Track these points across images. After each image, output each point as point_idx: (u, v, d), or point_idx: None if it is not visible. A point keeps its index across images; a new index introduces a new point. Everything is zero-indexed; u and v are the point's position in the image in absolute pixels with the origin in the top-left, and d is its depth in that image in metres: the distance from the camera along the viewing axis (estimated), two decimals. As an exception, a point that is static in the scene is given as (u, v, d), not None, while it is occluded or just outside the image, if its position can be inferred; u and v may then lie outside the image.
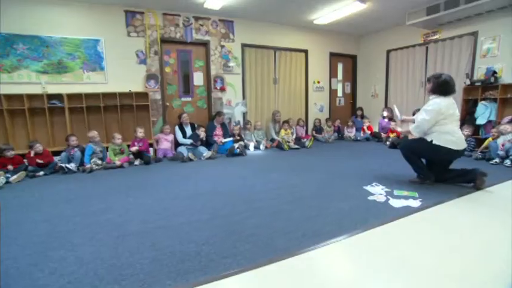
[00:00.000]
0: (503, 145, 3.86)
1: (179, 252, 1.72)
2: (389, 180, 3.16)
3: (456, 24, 5.16)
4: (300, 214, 2.26)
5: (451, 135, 2.72)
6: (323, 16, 5.47)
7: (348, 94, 7.38)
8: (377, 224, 2.04)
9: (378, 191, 2.76)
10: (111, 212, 2.44)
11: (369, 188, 2.88)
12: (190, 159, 4.56)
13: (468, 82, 4.84)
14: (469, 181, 2.87)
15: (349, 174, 3.46)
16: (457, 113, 2.80)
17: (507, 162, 3.70)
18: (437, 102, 2.73)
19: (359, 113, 6.83)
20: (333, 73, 7.01)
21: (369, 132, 6.35)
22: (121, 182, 3.42)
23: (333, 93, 7.08)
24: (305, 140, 5.68)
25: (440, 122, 2.73)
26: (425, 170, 2.96)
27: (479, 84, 4.70)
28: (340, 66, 7.17)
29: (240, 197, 2.71)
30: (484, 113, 4.66)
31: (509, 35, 4.53)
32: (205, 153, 4.71)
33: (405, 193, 2.69)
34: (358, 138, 6.29)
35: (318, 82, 6.73)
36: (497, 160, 3.86)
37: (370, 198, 2.58)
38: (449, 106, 2.73)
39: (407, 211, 2.27)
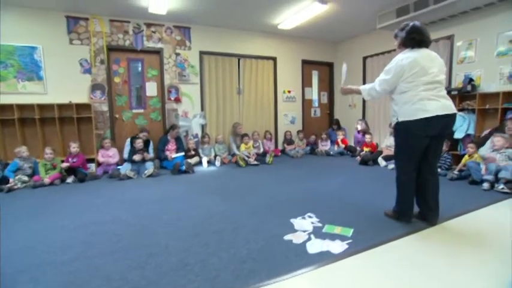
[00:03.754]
0: (486, 169, 3.23)
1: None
2: (333, 209, 2.62)
3: (431, 28, 4.64)
4: (172, 262, 1.73)
5: (417, 104, 1.97)
6: (286, 20, 5.03)
7: (324, 104, 6.86)
8: (267, 281, 1.51)
9: (304, 226, 2.22)
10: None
11: (297, 221, 2.34)
12: (129, 177, 4.09)
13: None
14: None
15: (288, 200, 2.92)
16: (436, 73, 1.97)
17: (500, 186, 2.98)
18: (399, 57, 2.05)
19: (335, 126, 6.28)
20: (306, 82, 6.52)
21: (343, 145, 5.79)
22: (30, 204, 3.02)
23: (306, 103, 6.57)
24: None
25: (400, 87, 2.04)
26: (407, 205, 2.21)
27: (455, 93, 4.15)
28: (315, 75, 6.69)
29: (134, 229, 2.28)
30: (462, 125, 4.08)
31: (486, 39, 4.01)
32: (147, 170, 4.23)
33: (337, 230, 2.14)
34: (331, 152, 5.73)
35: (289, 92, 6.24)
36: (487, 185, 3.09)
37: (287, 237, 2.04)
38: (417, 61, 1.97)
39: (322, 260, 1.72)
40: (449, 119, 2.03)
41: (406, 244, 1.94)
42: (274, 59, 6.01)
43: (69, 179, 4.00)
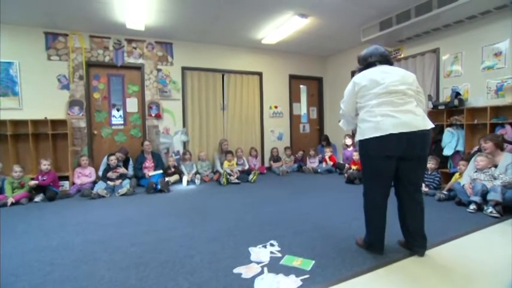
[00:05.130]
0: (471, 187, 2.97)
1: None
2: (301, 235, 2.38)
3: (416, 41, 4.54)
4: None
5: (370, 122, 1.80)
6: (269, 35, 4.95)
7: (313, 120, 6.68)
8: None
9: (260, 257, 1.97)
10: None
11: (256, 249, 2.10)
12: (101, 196, 3.89)
13: (431, 105, 4.11)
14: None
15: (256, 224, 2.68)
16: (393, 83, 1.79)
17: (488, 209, 2.69)
18: (353, 78, 1.99)
19: (324, 142, 6.07)
20: (294, 97, 6.38)
21: (331, 163, 5.56)
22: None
23: (295, 119, 6.40)
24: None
25: (358, 104, 1.92)
26: (375, 235, 1.97)
27: (442, 107, 3.96)
28: (303, 90, 6.56)
29: (75, 257, 2.07)
30: (450, 142, 3.86)
31: (471, 52, 3.85)
32: (121, 189, 4.03)
33: (296, 262, 1.89)
34: (319, 170, 5.50)
35: (275, 107, 6.09)
36: (474, 207, 2.83)
37: (237, 270, 1.80)
38: (366, 76, 1.87)
39: (268, 299, 1.48)
40: (413, 137, 1.73)
41: (372, 280, 1.68)
42: (260, 74, 5.91)
43: (38, 198, 3.82)
